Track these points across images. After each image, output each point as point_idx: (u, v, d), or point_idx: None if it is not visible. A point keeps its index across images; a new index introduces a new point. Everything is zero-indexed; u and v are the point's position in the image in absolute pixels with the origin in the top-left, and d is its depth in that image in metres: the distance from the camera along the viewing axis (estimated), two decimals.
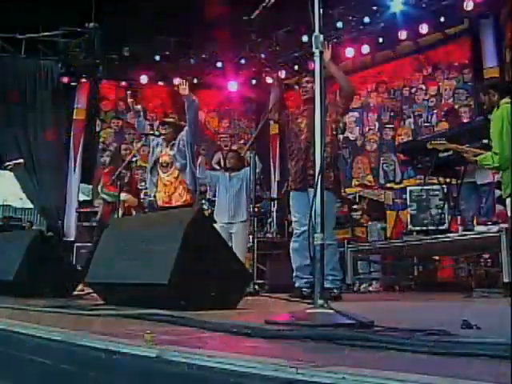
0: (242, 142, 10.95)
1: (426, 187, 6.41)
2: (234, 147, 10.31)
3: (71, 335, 1.46)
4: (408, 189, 6.64)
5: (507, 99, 4.31)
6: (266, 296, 4.53)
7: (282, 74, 9.92)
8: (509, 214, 4.26)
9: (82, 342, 1.38)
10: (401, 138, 8.97)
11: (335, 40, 8.95)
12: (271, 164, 10.85)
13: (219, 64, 10.26)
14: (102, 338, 1.38)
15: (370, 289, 6.78)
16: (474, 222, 5.66)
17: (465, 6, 7.65)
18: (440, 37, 8.60)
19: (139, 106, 5.73)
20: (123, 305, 2.58)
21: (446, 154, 5.19)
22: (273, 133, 10.71)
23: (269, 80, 10.11)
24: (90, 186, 10.54)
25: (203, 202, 7.97)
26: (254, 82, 10.58)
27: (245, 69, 10.45)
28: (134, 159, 10.22)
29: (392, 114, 9.31)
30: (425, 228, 5.94)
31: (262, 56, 10.11)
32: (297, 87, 9.42)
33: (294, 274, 4.44)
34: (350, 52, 9.04)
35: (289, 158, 4.57)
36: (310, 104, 4.35)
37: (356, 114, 9.64)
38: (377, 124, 9.48)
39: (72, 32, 10.06)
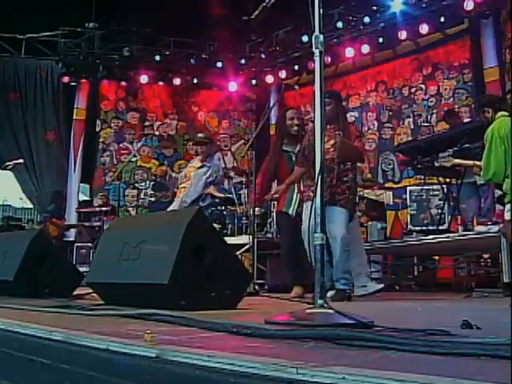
0: (241, 141, 10.95)
1: (425, 187, 6.41)
2: (233, 148, 10.34)
3: (71, 335, 1.46)
4: (408, 189, 6.64)
5: (503, 112, 4.24)
6: (265, 296, 4.53)
7: (283, 74, 9.94)
8: (508, 218, 4.24)
9: (82, 341, 1.38)
10: (400, 137, 8.97)
11: (335, 40, 8.97)
12: None
13: (219, 64, 10.26)
14: (101, 337, 1.38)
15: None
16: (474, 222, 5.66)
17: (465, 5, 7.66)
18: (440, 37, 8.60)
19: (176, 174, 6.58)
20: (123, 305, 2.58)
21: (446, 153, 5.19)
22: (273, 133, 10.67)
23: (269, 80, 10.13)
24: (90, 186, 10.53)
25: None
26: (253, 81, 10.58)
27: (245, 69, 10.46)
28: (134, 159, 10.29)
29: (391, 113, 9.31)
30: (425, 228, 5.93)
31: (262, 56, 10.11)
32: (297, 87, 9.43)
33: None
34: (350, 52, 9.05)
35: (310, 173, 4.22)
36: (330, 124, 4.13)
37: (355, 113, 9.64)
38: (376, 123, 9.48)
39: (72, 32, 10.07)
